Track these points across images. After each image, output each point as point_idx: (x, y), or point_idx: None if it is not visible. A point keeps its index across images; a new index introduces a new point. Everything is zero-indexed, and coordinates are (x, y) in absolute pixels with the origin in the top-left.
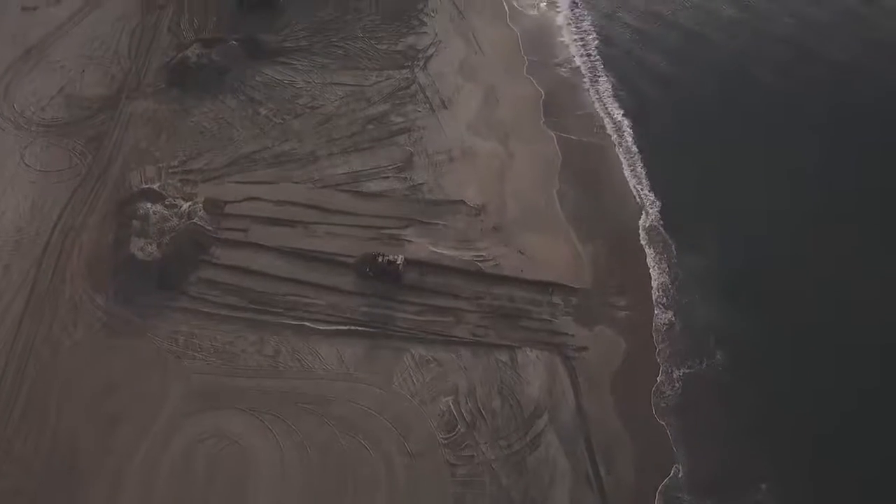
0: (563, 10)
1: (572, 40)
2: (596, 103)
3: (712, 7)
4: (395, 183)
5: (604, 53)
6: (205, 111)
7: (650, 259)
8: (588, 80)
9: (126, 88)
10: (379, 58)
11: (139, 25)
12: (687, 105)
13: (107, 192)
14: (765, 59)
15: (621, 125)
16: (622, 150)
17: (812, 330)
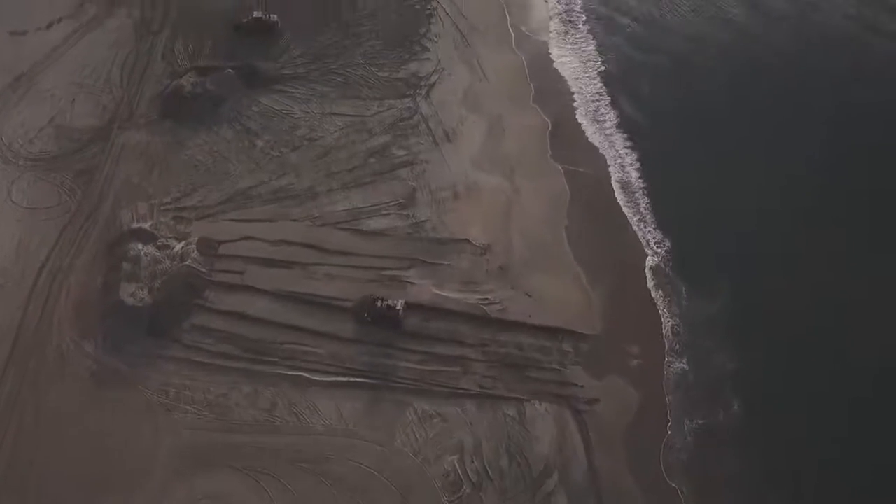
0: (569, 35)
1: (580, 66)
2: (604, 135)
3: (720, 35)
4: (396, 220)
5: (611, 80)
6: (199, 143)
7: (660, 302)
8: (596, 109)
9: (118, 119)
10: (380, 86)
11: (132, 52)
12: (696, 138)
13: (96, 232)
14: (775, 90)
15: (629, 159)
16: (630, 185)
17: (832, 377)
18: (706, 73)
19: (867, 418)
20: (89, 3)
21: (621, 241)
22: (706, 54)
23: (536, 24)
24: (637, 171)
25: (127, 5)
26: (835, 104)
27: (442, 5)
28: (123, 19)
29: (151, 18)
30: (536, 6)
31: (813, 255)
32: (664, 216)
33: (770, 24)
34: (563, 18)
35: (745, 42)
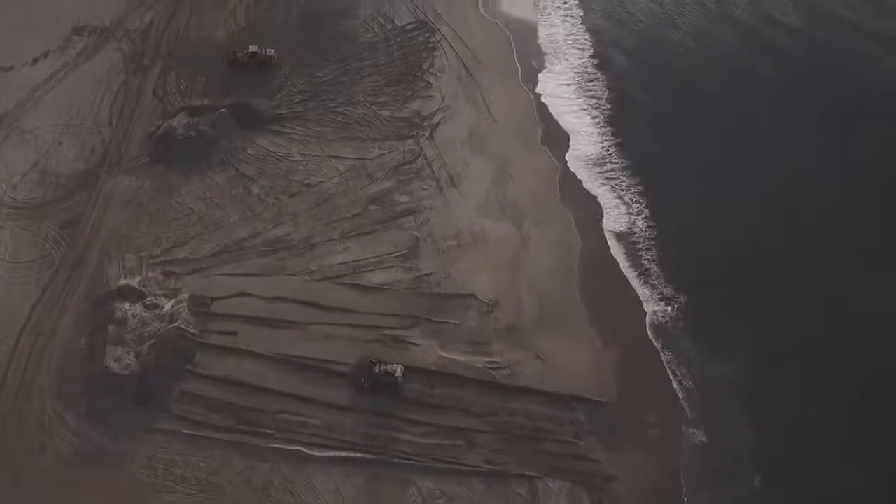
0: (578, 70)
1: (588, 104)
2: (616, 179)
3: (735, 78)
4: (399, 273)
5: (620, 120)
6: (191, 189)
7: (676, 364)
8: (606, 151)
9: (106, 163)
10: (381, 126)
11: (122, 88)
12: (707, 181)
13: (82, 289)
14: (788, 134)
15: (638, 206)
16: (640, 235)
17: (864, 447)
18: (718, 113)
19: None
20: (78, 36)
21: (634, 296)
22: (719, 96)
23: (545, 56)
24: (647, 220)
25: (117, 38)
26: (845, 146)
27: (445, 37)
28: (113, 53)
29: (142, 52)
30: (547, 35)
31: (835, 305)
32: (676, 268)
33: (783, 64)
34: (573, 50)
35: (760, 86)
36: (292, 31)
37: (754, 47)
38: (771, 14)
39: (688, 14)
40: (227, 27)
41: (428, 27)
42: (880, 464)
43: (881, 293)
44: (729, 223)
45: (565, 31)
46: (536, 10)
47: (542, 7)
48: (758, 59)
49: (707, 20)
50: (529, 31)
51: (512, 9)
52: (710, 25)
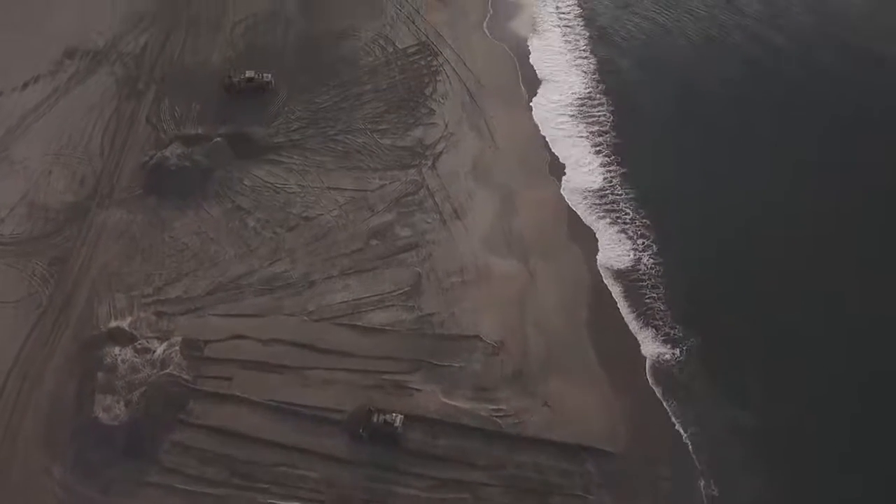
0: (582, 95)
1: (591, 131)
2: (620, 211)
3: (742, 88)
4: (401, 313)
5: (624, 146)
6: (185, 223)
7: (685, 412)
8: (610, 181)
9: (97, 195)
10: (383, 155)
11: (114, 116)
12: (719, 215)
13: (70, 331)
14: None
15: (649, 238)
16: (649, 273)
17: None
18: (727, 139)
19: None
20: (70, 59)
21: (645, 337)
22: (726, 121)
23: (552, 79)
24: (655, 258)
25: (110, 62)
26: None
27: (448, 60)
28: (106, 77)
29: (136, 76)
30: (551, 59)
31: (852, 348)
32: (687, 306)
33: (793, 86)
34: (577, 74)
35: (769, 110)
36: (290, 54)
37: (760, 68)
38: (775, 34)
39: (690, 35)
40: (223, 51)
41: (430, 50)
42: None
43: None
44: (738, 258)
45: (570, 53)
46: (540, 32)
47: (545, 28)
48: (765, 82)
49: (709, 40)
50: (535, 54)
51: (517, 30)
52: (714, 46)
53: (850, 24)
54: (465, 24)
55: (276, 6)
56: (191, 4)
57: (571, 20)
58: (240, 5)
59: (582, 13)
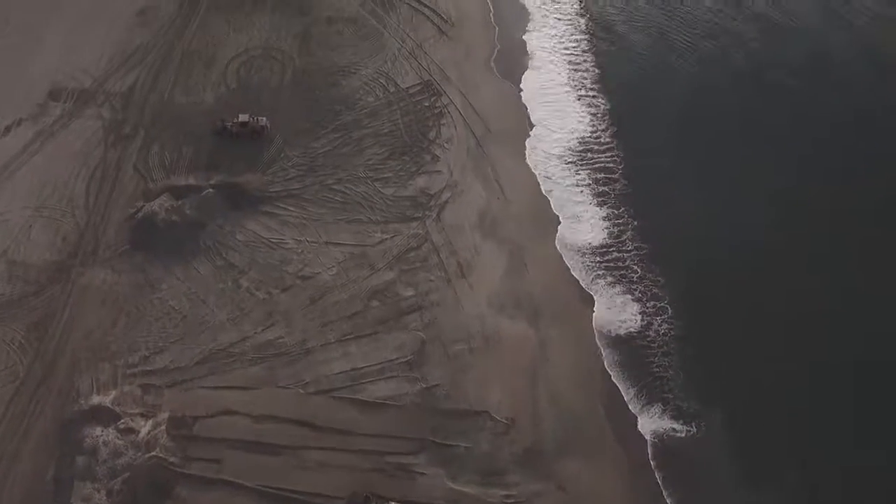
0: (594, 140)
1: (605, 178)
2: (640, 270)
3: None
4: (403, 385)
5: (638, 196)
6: (174, 283)
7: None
8: (623, 233)
9: (80, 253)
10: (384, 206)
11: (100, 163)
12: (735, 271)
13: (49, 407)
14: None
15: (663, 300)
16: (668, 341)
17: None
18: (743, 189)
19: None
20: (54, 101)
21: (651, 414)
22: (742, 168)
23: (561, 123)
24: (671, 325)
25: (96, 103)
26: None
27: (453, 101)
28: (92, 121)
29: (123, 120)
30: (561, 99)
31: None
32: (702, 378)
33: (813, 124)
34: (591, 115)
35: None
36: (287, 93)
37: (789, 116)
38: (801, 79)
39: (707, 73)
40: (216, 89)
41: (434, 90)
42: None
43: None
44: (756, 321)
45: (581, 94)
46: (550, 71)
47: (555, 67)
48: (793, 129)
49: (728, 85)
50: (544, 94)
51: (526, 68)
52: (734, 90)
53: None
54: (472, 60)
55: (272, 40)
56: (183, 38)
57: (581, 58)
58: (235, 39)
59: (592, 50)
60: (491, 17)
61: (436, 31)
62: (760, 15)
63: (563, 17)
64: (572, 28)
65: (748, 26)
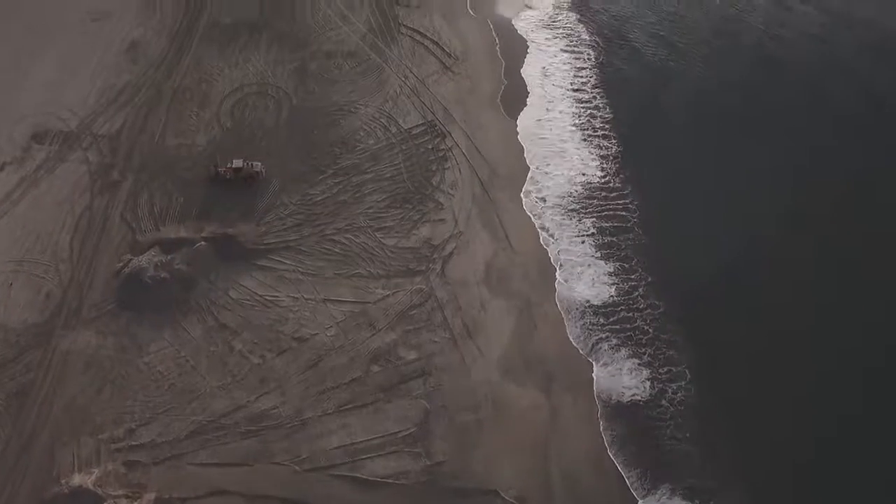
0: (609, 186)
1: (618, 226)
2: (652, 330)
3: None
4: (406, 461)
5: (652, 247)
6: (162, 347)
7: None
8: (638, 292)
9: (64, 312)
10: (386, 259)
11: (86, 212)
12: (758, 334)
13: (26, 487)
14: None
15: (679, 366)
16: (687, 406)
17: None
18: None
19: None
20: (38, 144)
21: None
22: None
23: (574, 167)
24: (686, 394)
25: (82, 146)
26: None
27: (457, 142)
28: (77, 165)
29: (111, 164)
30: (571, 141)
31: None
32: (724, 453)
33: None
34: (606, 159)
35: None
36: (283, 134)
37: (814, 159)
38: (826, 129)
39: (728, 109)
40: (209, 131)
41: (438, 131)
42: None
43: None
44: (786, 387)
45: (593, 135)
46: (563, 111)
47: (567, 107)
48: (815, 172)
49: (748, 110)
50: (549, 134)
51: (536, 107)
52: (753, 116)
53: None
54: (477, 98)
55: (268, 76)
56: (174, 74)
57: (592, 95)
58: (229, 75)
59: (604, 87)
60: (497, 50)
61: (439, 66)
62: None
63: (573, 50)
64: (582, 62)
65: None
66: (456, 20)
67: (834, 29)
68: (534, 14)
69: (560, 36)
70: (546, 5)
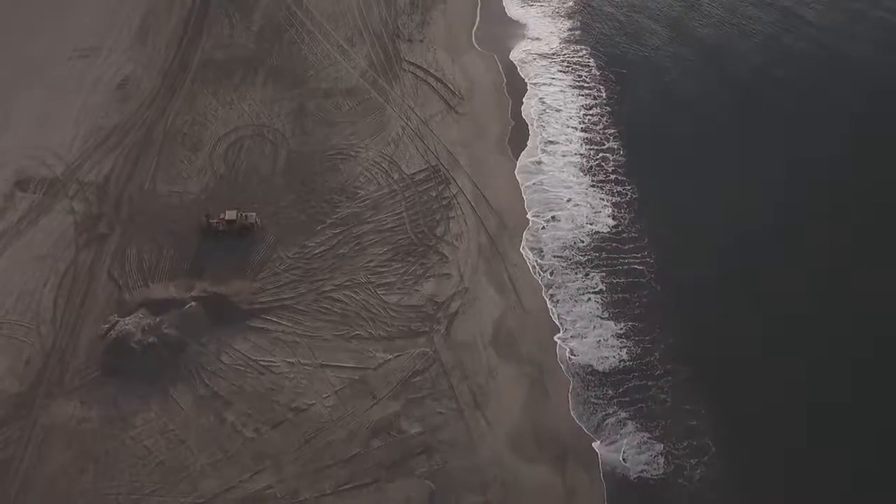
0: (625, 237)
1: (634, 281)
2: (672, 398)
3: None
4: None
5: (669, 309)
6: (149, 419)
7: None
8: (654, 353)
9: (45, 381)
10: (387, 318)
11: (71, 267)
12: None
13: None
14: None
15: (714, 443)
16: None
17: None
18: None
19: None
20: (22, 191)
21: None
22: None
23: (578, 212)
24: (708, 469)
25: (68, 195)
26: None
27: (463, 189)
28: (63, 216)
29: (98, 215)
30: (576, 187)
31: None
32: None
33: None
34: (614, 204)
35: None
36: (279, 181)
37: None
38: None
39: (750, 168)
40: (201, 177)
41: (442, 177)
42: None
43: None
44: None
45: (602, 177)
46: (568, 152)
47: (577, 149)
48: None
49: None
50: (560, 179)
51: (546, 152)
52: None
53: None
54: (483, 140)
55: (264, 117)
56: (165, 114)
57: (603, 136)
58: (223, 116)
59: (618, 127)
60: (504, 87)
61: (443, 106)
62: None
63: (586, 87)
64: (594, 100)
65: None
66: (460, 55)
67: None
68: (543, 47)
69: (570, 70)
70: (555, 39)
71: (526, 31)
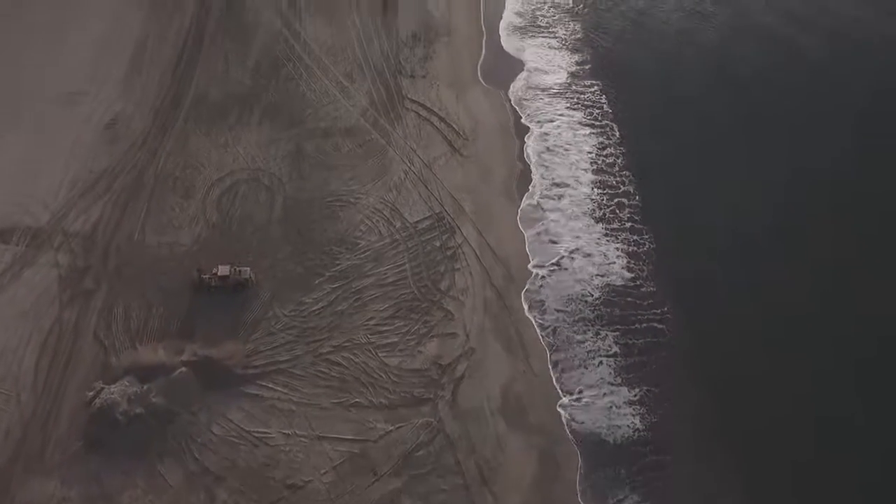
0: (645, 293)
1: (653, 341)
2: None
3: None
4: None
5: (687, 368)
6: (136, 496)
7: None
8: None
9: (23, 455)
10: (389, 384)
11: (55, 326)
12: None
13: None
14: None
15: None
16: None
17: None
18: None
19: None
20: (5, 243)
21: None
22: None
23: (590, 261)
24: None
25: (53, 246)
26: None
27: (468, 239)
28: (47, 270)
29: (85, 268)
30: (585, 236)
31: None
32: None
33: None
34: (629, 254)
35: None
36: (276, 231)
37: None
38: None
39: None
40: (193, 226)
41: (446, 225)
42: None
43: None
44: None
45: (617, 225)
46: (578, 199)
47: (586, 193)
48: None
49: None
50: (569, 228)
51: (556, 197)
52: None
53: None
54: (490, 185)
55: (260, 160)
56: (156, 156)
57: (619, 180)
58: (217, 159)
59: (634, 171)
60: (511, 127)
61: (447, 148)
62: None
63: (598, 128)
64: (608, 140)
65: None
66: (465, 91)
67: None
68: (551, 82)
69: (580, 107)
70: (565, 73)
71: (534, 64)
